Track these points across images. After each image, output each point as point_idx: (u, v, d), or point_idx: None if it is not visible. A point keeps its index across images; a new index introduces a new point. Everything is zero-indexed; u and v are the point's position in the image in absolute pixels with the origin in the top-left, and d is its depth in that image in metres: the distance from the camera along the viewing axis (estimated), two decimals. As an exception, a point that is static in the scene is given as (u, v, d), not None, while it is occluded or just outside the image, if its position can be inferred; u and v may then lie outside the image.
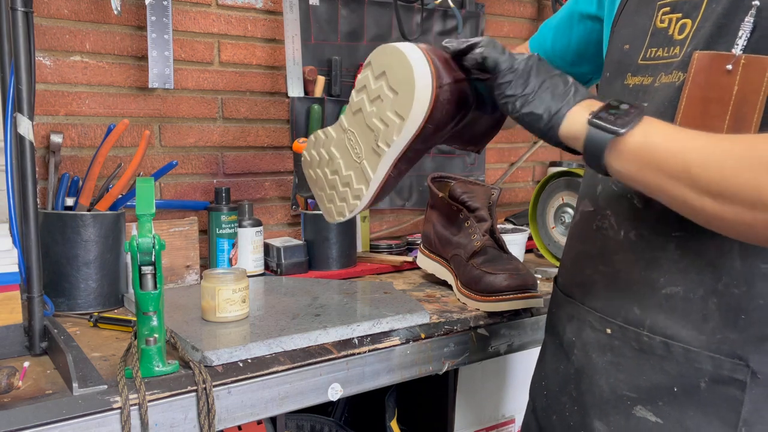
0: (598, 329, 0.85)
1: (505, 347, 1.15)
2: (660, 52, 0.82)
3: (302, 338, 0.97)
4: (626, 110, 0.71)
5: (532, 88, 0.78)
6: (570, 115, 0.75)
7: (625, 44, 0.88)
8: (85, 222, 1.14)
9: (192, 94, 1.48)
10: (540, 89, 0.78)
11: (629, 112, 0.71)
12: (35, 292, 0.93)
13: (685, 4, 0.80)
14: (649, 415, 0.79)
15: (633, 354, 0.81)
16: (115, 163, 1.33)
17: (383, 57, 0.86)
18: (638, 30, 0.87)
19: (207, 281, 1.03)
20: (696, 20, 0.77)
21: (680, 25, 0.80)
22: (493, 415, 1.25)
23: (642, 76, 0.84)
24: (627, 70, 0.87)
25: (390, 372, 1.02)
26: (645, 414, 0.80)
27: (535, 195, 1.55)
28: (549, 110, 0.76)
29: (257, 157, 1.57)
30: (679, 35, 0.79)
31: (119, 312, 1.16)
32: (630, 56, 0.87)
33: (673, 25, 0.81)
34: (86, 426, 0.77)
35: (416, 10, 1.70)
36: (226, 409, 0.87)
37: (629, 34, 0.88)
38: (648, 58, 0.83)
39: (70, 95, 1.34)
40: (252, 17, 1.53)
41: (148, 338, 0.85)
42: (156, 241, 0.85)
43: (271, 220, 1.60)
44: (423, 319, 1.08)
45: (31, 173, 0.92)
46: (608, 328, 0.84)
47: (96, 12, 1.35)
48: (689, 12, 0.79)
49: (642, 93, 0.83)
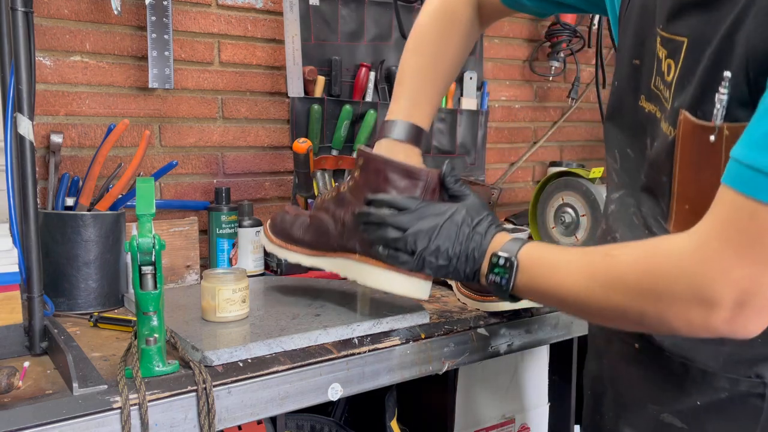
0: (626, 342, 0.88)
1: (505, 347, 1.15)
2: (661, 85, 0.82)
3: (302, 338, 0.97)
4: (503, 265, 0.83)
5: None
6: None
7: (634, 59, 0.87)
8: (85, 222, 1.14)
9: (192, 94, 1.48)
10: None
11: (506, 267, 0.82)
12: (35, 292, 0.93)
13: (669, 42, 0.79)
14: (675, 422, 0.83)
15: (657, 369, 0.84)
16: (115, 163, 1.33)
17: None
18: (646, 49, 0.85)
19: (207, 281, 1.03)
20: (678, 64, 0.76)
21: (668, 64, 0.79)
22: (493, 415, 1.25)
23: (654, 104, 0.83)
24: (640, 89, 0.86)
25: (390, 372, 1.02)
26: (672, 420, 0.83)
27: (535, 195, 1.55)
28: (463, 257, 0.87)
29: (257, 157, 1.57)
30: (668, 75, 0.79)
31: (119, 312, 1.16)
32: (642, 75, 0.85)
33: (664, 60, 0.80)
34: (86, 426, 0.77)
35: (416, 10, 1.70)
36: (226, 409, 0.87)
37: (636, 47, 0.87)
38: (656, 86, 0.83)
39: (70, 95, 1.34)
40: (252, 17, 1.53)
41: (148, 338, 0.85)
42: (156, 241, 0.85)
43: (271, 220, 1.60)
44: (423, 319, 1.08)
45: (31, 173, 0.92)
46: (636, 344, 0.86)
47: (96, 12, 1.34)
48: (672, 52, 0.78)
49: (652, 124, 0.83)
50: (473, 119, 1.85)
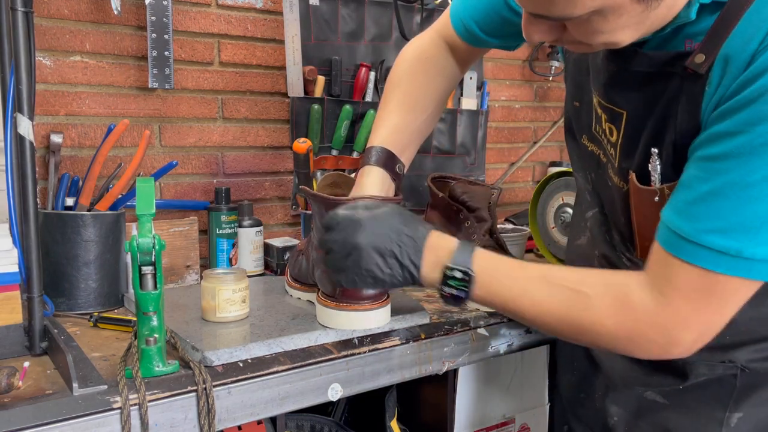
0: None
1: (505, 347, 1.15)
2: (602, 136, 0.93)
3: (302, 338, 0.97)
4: (460, 279, 0.86)
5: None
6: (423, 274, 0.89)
7: (575, 101, 0.99)
8: (85, 222, 1.14)
9: (192, 94, 1.48)
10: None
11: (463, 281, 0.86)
12: (35, 292, 0.93)
13: (608, 110, 0.89)
14: (658, 398, 0.95)
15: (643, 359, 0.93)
16: (115, 163, 1.33)
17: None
18: (584, 97, 0.96)
19: (207, 281, 1.03)
20: (620, 132, 0.88)
21: (609, 127, 0.90)
22: (493, 415, 1.25)
23: (596, 146, 0.96)
24: (583, 130, 0.99)
25: (390, 372, 1.02)
26: (654, 397, 0.95)
27: (535, 195, 1.55)
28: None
29: (257, 157, 1.57)
30: (611, 136, 0.90)
31: (119, 312, 1.16)
32: (583, 117, 0.98)
33: (604, 121, 0.91)
34: (86, 426, 0.77)
35: (416, 10, 1.70)
36: (226, 409, 0.87)
37: (576, 90, 0.99)
38: (597, 131, 0.94)
39: (70, 95, 1.34)
40: (252, 17, 1.53)
41: (148, 338, 0.85)
42: (156, 241, 0.85)
43: (271, 220, 1.60)
44: (423, 319, 1.08)
45: (31, 173, 0.92)
46: None
47: (96, 12, 1.34)
48: (612, 119, 0.89)
49: (597, 163, 0.97)
50: (473, 119, 1.85)
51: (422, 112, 1.07)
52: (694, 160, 0.77)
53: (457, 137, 1.82)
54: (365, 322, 1.00)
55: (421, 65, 1.09)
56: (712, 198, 0.73)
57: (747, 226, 0.71)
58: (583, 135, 0.99)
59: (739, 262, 0.72)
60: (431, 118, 1.10)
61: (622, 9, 0.70)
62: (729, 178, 0.72)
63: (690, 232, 0.74)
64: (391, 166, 1.01)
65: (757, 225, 0.71)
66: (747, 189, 0.71)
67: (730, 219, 0.72)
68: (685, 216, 0.75)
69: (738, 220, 0.72)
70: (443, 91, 1.11)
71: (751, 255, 0.72)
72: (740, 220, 0.72)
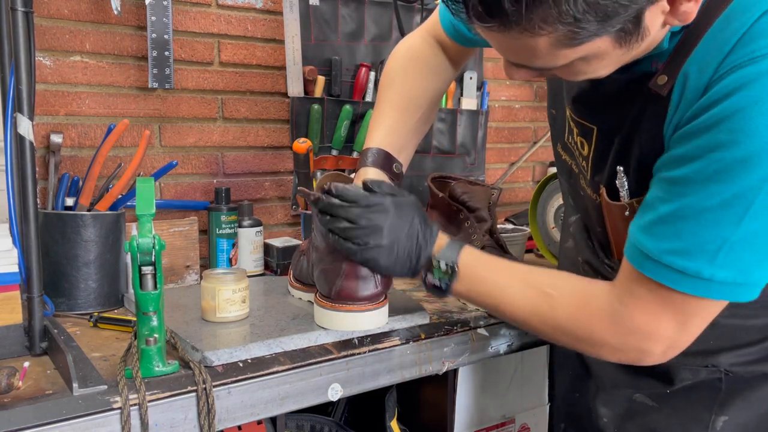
0: None
1: (505, 347, 1.15)
2: (575, 148, 0.95)
3: (302, 338, 0.97)
4: (444, 271, 0.89)
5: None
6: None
7: (551, 108, 1.02)
8: (85, 222, 1.14)
9: (192, 94, 1.48)
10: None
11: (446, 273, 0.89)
12: (35, 292, 0.93)
13: (580, 124, 0.91)
14: (647, 401, 0.97)
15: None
16: (115, 163, 1.33)
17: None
18: (558, 105, 0.98)
19: (207, 281, 1.03)
20: (591, 147, 0.90)
21: (580, 141, 0.93)
22: (493, 415, 1.25)
23: (569, 156, 0.99)
24: (557, 137, 1.02)
25: (390, 372, 1.02)
26: (644, 400, 0.98)
27: (535, 195, 1.54)
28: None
29: (257, 157, 1.57)
30: (583, 150, 0.93)
31: (119, 312, 1.16)
32: (557, 124, 1.01)
33: (576, 135, 0.93)
34: (86, 426, 0.77)
35: (416, 10, 1.70)
36: (226, 409, 0.87)
37: (552, 98, 1.01)
38: (570, 143, 0.97)
39: (70, 95, 1.34)
40: (252, 17, 1.53)
41: (148, 338, 0.85)
42: (156, 241, 0.85)
43: (271, 220, 1.60)
44: (423, 320, 1.08)
45: (31, 173, 0.92)
46: None
47: (96, 12, 1.34)
48: (583, 133, 0.91)
49: (570, 173, 1.01)
50: (473, 119, 1.85)
51: (416, 111, 1.07)
52: (658, 180, 0.79)
53: (457, 137, 1.82)
54: (361, 324, 0.99)
55: (412, 64, 1.09)
56: (673, 219, 0.75)
57: (705, 248, 0.73)
58: (557, 143, 1.02)
59: (697, 282, 0.75)
60: (426, 116, 1.10)
61: (605, 54, 0.71)
62: (688, 202, 0.73)
63: (653, 250, 0.77)
64: (388, 167, 1.01)
65: (715, 248, 0.73)
66: (705, 213, 0.73)
67: (689, 241, 0.74)
68: (649, 235, 0.77)
69: (697, 242, 0.73)
70: (436, 89, 1.11)
71: (710, 276, 0.74)
72: (699, 243, 0.73)
